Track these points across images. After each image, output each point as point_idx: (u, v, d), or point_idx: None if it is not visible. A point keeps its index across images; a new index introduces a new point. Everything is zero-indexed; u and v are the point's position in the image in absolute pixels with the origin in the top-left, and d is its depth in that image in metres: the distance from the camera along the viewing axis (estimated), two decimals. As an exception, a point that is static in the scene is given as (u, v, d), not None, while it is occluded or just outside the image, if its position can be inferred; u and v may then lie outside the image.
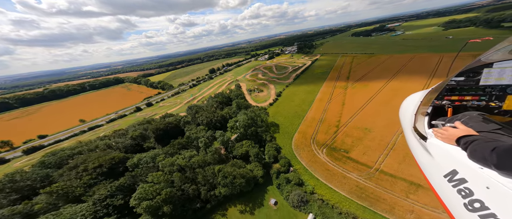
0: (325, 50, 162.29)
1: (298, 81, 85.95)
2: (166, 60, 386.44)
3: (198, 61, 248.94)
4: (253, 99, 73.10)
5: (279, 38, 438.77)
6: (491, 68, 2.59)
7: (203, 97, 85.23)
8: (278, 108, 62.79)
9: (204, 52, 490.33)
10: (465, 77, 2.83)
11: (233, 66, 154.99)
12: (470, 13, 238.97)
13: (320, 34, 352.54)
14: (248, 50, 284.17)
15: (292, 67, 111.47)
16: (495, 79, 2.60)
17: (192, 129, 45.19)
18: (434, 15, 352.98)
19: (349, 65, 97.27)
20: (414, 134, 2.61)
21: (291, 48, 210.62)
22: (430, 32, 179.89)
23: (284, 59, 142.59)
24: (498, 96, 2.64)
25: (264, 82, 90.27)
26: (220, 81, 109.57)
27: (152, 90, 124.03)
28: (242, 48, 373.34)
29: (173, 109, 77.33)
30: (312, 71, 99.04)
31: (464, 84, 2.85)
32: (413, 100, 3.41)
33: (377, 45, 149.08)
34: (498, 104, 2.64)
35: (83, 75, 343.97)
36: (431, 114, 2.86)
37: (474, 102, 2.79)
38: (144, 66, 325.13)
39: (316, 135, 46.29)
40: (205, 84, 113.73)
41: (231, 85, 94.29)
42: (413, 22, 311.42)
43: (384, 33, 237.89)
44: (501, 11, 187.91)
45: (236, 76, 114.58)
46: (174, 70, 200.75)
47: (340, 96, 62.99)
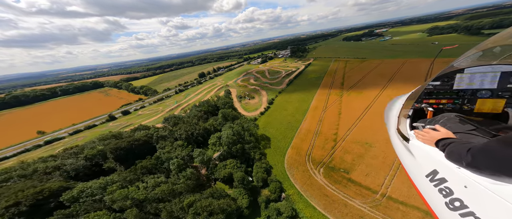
0: (318, 54, 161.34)
1: (292, 87, 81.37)
2: (156, 63, 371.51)
3: (189, 65, 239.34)
4: (243, 107, 66.99)
5: (272, 42, 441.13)
6: (462, 74, 2.82)
7: (189, 104, 77.75)
8: (269, 118, 57.17)
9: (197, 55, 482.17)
10: (440, 82, 3.06)
11: (224, 70, 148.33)
12: (450, 21, 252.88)
13: (313, 38, 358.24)
14: (241, 54, 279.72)
15: (285, 72, 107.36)
16: (466, 84, 2.83)
17: (166, 145, 37.97)
18: (417, 22, 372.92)
19: (342, 70, 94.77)
20: (398, 135, 2.70)
21: (285, 52, 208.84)
22: (416, 38, 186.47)
23: (277, 63, 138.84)
24: (470, 99, 2.87)
25: (256, 88, 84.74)
26: (209, 87, 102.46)
27: (133, 96, 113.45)
28: (235, 51, 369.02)
29: (153, 118, 68.98)
30: (305, 76, 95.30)
31: (440, 88, 3.08)
32: (396, 103, 3.48)
33: (368, 50, 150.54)
34: (470, 107, 2.87)
35: (64, 79, 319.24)
36: (413, 116, 3.03)
37: (449, 105, 3.03)
38: (132, 69, 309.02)
39: (312, 151, 41.00)
40: (192, 89, 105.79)
41: (221, 91, 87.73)
42: (399, 28, 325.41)
43: (373, 38, 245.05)
44: (479, 19, 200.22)
45: (226, 81, 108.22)
46: (162, 74, 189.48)
47: (336, 104, 58.77)
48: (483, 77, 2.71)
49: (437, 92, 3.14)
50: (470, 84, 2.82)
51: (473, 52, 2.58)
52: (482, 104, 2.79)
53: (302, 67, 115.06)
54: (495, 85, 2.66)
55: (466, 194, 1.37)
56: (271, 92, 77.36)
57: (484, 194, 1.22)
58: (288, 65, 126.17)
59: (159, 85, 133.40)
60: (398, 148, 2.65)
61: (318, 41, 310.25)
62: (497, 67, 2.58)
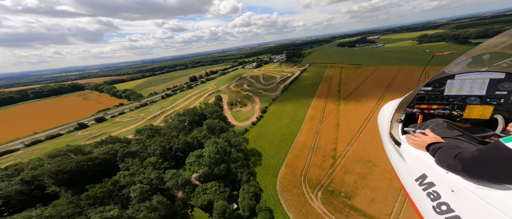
0: (313, 59, 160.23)
1: (287, 94, 77.17)
2: (148, 65, 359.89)
3: (182, 68, 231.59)
4: (233, 116, 61.59)
5: (268, 47, 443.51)
6: (453, 80, 2.87)
7: (175, 111, 71.29)
8: (262, 130, 52.05)
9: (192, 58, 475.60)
10: (432, 87, 3.09)
11: (217, 74, 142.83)
12: (437, 30, 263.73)
13: (308, 44, 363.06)
14: (236, 58, 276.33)
15: (280, 77, 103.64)
16: (456, 90, 2.88)
17: (134, 164, 31.62)
18: (406, 30, 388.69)
19: (338, 77, 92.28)
20: (390, 139, 2.73)
21: (280, 57, 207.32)
22: (407, 46, 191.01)
23: (272, 68, 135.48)
24: (459, 105, 2.92)
25: (249, 94, 79.84)
26: (200, 92, 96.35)
27: (115, 100, 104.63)
28: (231, 55, 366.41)
29: (131, 127, 61.73)
30: (301, 82, 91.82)
31: (431, 94, 3.12)
32: (389, 107, 3.50)
33: (362, 56, 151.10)
34: (459, 113, 2.90)
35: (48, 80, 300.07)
36: (404, 120, 3.06)
37: (439, 111, 3.06)
38: (122, 71, 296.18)
39: (308, 170, 36.10)
40: (181, 94, 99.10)
41: (211, 97, 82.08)
42: (390, 35, 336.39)
43: (366, 45, 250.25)
44: (465, 28, 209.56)
45: (219, 86, 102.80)
46: (151, 77, 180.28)
47: (333, 114, 54.74)
48: (472, 84, 2.76)
49: (428, 98, 3.17)
50: (460, 91, 2.87)
51: (463, 58, 2.57)
52: (471, 111, 2.82)
53: (297, 72, 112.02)
54: (484, 92, 2.70)
55: (453, 198, 1.40)
56: (265, 99, 72.69)
57: (470, 198, 1.24)
58: (283, 71, 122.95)
59: (146, 89, 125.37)
60: (390, 152, 2.69)
61: (313, 46, 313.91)
62: (485, 74, 2.64)
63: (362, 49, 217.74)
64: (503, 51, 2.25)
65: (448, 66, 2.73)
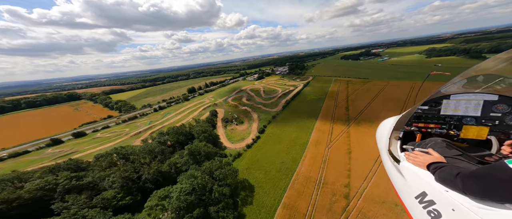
0: (317, 72, 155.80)
1: (288, 111, 70.28)
2: (153, 75, 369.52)
3: (183, 78, 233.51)
4: (227, 136, 54.67)
5: (272, 58, 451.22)
6: (449, 100, 2.95)
7: (164, 126, 65.46)
8: (258, 154, 44.43)
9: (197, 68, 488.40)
10: (428, 106, 3.16)
11: (217, 86, 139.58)
12: (445, 43, 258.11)
13: (311, 56, 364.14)
14: (239, 69, 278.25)
15: (282, 91, 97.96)
16: (452, 110, 2.95)
17: (77, 202, 24.40)
18: (411, 44, 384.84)
19: (345, 92, 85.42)
20: (389, 157, 2.74)
21: (283, 69, 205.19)
22: (416, 60, 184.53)
23: (274, 81, 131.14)
24: (456, 125, 2.95)
25: (247, 110, 73.60)
26: (195, 105, 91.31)
27: (107, 112, 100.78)
28: (234, 66, 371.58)
29: (110, 144, 55.57)
30: (304, 97, 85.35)
31: (429, 113, 3.17)
32: (387, 124, 3.48)
33: (368, 70, 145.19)
34: (456, 133, 2.93)
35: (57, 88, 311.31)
36: (403, 138, 3.10)
37: (436, 130, 3.09)
38: (127, 81, 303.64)
39: (313, 214, 27.64)
40: (175, 107, 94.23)
41: (206, 111, 76.45)
42: (394, 49, 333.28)
43: (371, 58, 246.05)
44: (475, 42, 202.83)
45: (216, 99, 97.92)
46: (150, 87, 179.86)
47: (343, 138, 46.74)
48: (467, 105, 2.83)
49: (425, 117, 3.20)
50: (455, 111, 2.93)
51: (459, 79, 2.59)
52: (467, 131, 2.85)
53: (300, 86, 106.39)
54: (479, 113, 2.75)
55: (454, 217, 1.38)
56: (264, 116, 65.97)
57: (471, 218, 1.24)
58: (285, 84, 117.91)
59: (143, 99, 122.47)
60: (389, 169, 2.70)
61: (317, 59, 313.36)
62: (480, 96, 2.71)
63: (367, 62, 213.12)
64: (496, 73, 2.33)
65: (444, 86, 2.75)
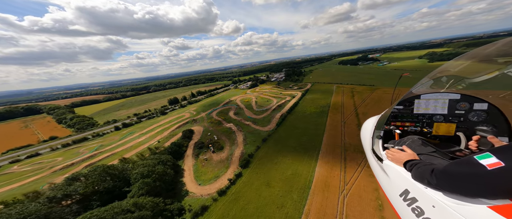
0: (316, 78, 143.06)
1: (284, 130, 54.87)
2: (143, 84, 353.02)
3: (172, 86, 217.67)
4: (194, 172, 38.30)
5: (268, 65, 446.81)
6: (420, 100, 3.15)
7: (115, 154, 48.77)
8: (234, 209, 28.20)
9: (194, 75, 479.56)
10: (403, 106, 3.34)
11: (204, 95, 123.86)
12: (444, 48, 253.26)
13: (308, 62, 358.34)
14: (233, 75, 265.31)
15: (277, 102, 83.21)
16: (423, 109, 3.15)
17: None
18: (407, 49, 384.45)
19: (351, 102, 71.22)
20: (373, 155, 2.85)
21: (279, 75, 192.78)
22: (418, 64, 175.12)
23: (268, 89, 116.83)
24: (428, 123, 3.14)
25: (232, 129, 57.90)
26: (171, 121, 74.68)
27: (59, 130, 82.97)
28: (229, 72, 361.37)
29: (15, 185, 38.08)
30: (303, 109, 70.49)
31: (404, 112, 3.35)
32: (369, 124, 3.60)
33: (371, 75, 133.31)
34: (429, 130, 3.11)
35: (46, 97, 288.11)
36: (384, 137, 3.20)
37: (412, 128, 3.26)
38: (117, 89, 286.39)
39: None
40: (145, 124, 77.16)
41: (182, 129, 60.27)
42: (390, 54, 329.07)
43: (369, 63, 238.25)
44: (474, 46, 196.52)
45: (199, 112, 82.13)
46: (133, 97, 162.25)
47: (365, 177, 31.06)
48: (435, 103, 3.05)
49: (401, 116, 3.38)
50: (426, 110, 3.13)
51: (426, 80, 2.78)
52: (438, 128, 3.04)
53: (298, 95, 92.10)
54: (446, 111, 2.98)
55: (435, 214, 1.41)
56: (252, 139, 50.31)
57: (450, 214, 1.27)
58: (281, 92, 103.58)
59: (115, 113, 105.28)
60: (374, 168, 2.79)
61: (314, 64, 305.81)
62: (445, 95, 2.93)
63: (367, 67, 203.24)
64: (456, 74, 2.56)
65: (414, 87, 2.94)
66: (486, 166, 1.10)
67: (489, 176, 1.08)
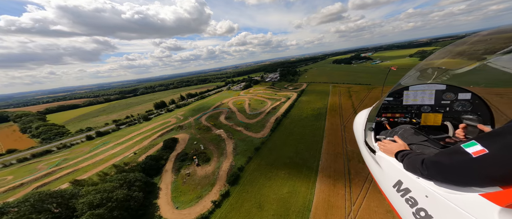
0: (311, 78, 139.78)
1: (279, 137, 49.74)
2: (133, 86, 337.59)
3: (162, 88, 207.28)
4: (173, 191, 31.98)
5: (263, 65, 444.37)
6: (408, 91, 3.24)
7: (78, 170, 41.53)
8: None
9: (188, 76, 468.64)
10: (393, 98, 3.43)
11: (195, 98, 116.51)
12: (433, 46, 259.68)
13: (302, 61, 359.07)
14: (227, 76, 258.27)
15: (271, 104, 78.16)
16: (412, 100, 3.24)
17: None
18: (397, 48, 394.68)
19: (349, 102, 67.48)
20: (366, 147, 2.85)
21: (273, 75, 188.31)
22: (411, 63, 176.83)
23: (262, 90, 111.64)
24: (416, 114, 3.24)
25: (221, 136, 52.03)
26: (153, 128, 67.28)
27: (20, 141, 72.63)
28: (223, 73, 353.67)
29: None
30: (299, 112, 65.82)
31: (394, 104, 3.44)
32: (361, 116, 3.63)
33: (366, 74, 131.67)
34: (417, 121, 3.19)
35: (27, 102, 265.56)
36: (376, 128, 3.27)
37: (401, 119, 3.34)
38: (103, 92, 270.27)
39: None
40: (122, 132, 69.15)
41: (165, 137, 53.59)
42: (381, 53, 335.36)
43: (363, 61, 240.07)
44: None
45: (187, 117, 75.46)
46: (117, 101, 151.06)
47: (374, 200, 26.30)
48: (423, 95, 3.14)
49: (392, 107, 3.45)
50: (414, 101, 3.23)
51: (413, 72, 2.87)
52: (426, 118, 3.12)
53: (293, 96, 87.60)
54: (433, 102, 3.08)
55: (429, 204, 1.42)
56: (243, 147, 44.78)
57: (443, 203, 1.28)
58: (276, 93, 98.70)
59: (93, 119, 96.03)
60: (367, 160, 2.79)
61: (308, 63, 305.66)
62: (432, 86, 3.03)
63: (360, 66, 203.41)
64: (441, 66, 2.68)
65: (402, 79, 2.98)
66: (471, 153, 1.11)
67: (474, 163, 1.09)
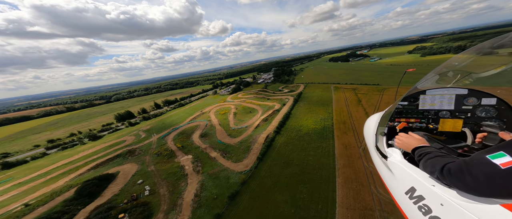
0: (308, 78, 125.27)
1: (268, 171, 33.63)
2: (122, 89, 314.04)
3: (144, 93, 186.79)
4: None
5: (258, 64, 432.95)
6: (425, 95, 3.10)
7: None
8: None
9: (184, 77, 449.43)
10: (408, 102, 3.28)
11: (172, 106, 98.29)
12: (430, 42, 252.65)
13: (297, 60, 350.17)
14: (217, 78, 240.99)
15: (262, 113, 62.39)
16: (429, 104, 3.10)
17: None
18: (391, 45, 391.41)
19: (361, 110, 52.51)
20: (377, 153, 2.79)
21: (267, 76, 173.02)
22: (412, 60, 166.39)
23: (253, 94, 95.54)
24: (434, 119, 3.10)
25: (184, 168, 35.37)
26: (95, 153, 48.42)
27: None
28: (215, 75, 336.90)
29: None
30: (297, 125, 50.07)
31: (408, 108, 3.28)
32: (373, 120, 3.54)
33: (369, 72, 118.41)
34: (435, 126, 3.07)
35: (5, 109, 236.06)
36: (388, 134, 3.13)
37: (417, 124, 3.20)
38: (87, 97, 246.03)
39: None
40: (45, 161, 49.15)
41: (95, 172, 36.27)
42: (377, 50, 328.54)
43: (360, 59, 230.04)
44: (461, 41, 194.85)
45: (151, 134, 58.07)
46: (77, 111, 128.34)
47: None
48: (442, 99, 2.99)
49: (406, 112, 3.30)
50: (432, 105, 3.08)
51: (432, 75, 2.71)
52: (444, 124, 2.97)
53: (289, 101, 72.17)
54: (453, 107, 2.92)
55: (444, 212, 1.36)
56: (212, 192, 28.41)
57: (459, 212, 1.24)
58: (268, 98, 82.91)
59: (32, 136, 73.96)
60: (378, 165, 2.74)
61: (304, 62, 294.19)
62: (451, 90, 2.88)
63: (359, 63, 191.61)
64: (463, 69, 2.52)
65: (419, 82, 2.85)
66: (499, 165, 1.05)
67: (503, 175, 1.03)
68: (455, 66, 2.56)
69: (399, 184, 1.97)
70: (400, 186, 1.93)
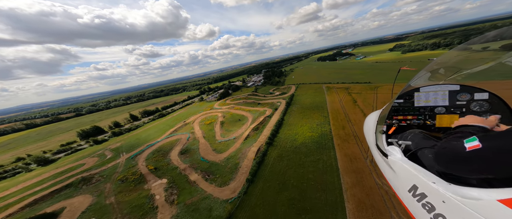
0: (299, 79, 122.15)
1: (260, 198, 27.39)
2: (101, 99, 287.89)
3: (123, 103, 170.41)
4: None
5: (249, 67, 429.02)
6: (419, 92, 3.15)
7: None
8: None
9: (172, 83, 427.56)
10: (403, 99, 3.33)
11: (152, 116, 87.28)
12: (407, 40, 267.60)
13: (287, 61, 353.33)
14: (209, 82, 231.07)
15: (252, 122, 56.09)
16: (424, 101, 3.15)
17: None
18: (372, 44, 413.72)
19: (358, 112, 48.70)
20: (378, 151, 2.80)
21: (257, 78, 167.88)
22: (395, 57, 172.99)
23: (243, 99, 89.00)
24: (430, 115, 3.14)
25: (154, 198, 27.59)
26: (38, 184, 37.34)
27: None
28: (204, 79, 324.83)
29: None
30: (292, 134, 44.37)
31: (404, 106, 3.33)
32: (372, 119, 3.55)
33: (358, 71, 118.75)
34: (432, 123, 3.11)
35: None
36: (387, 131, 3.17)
37: (414, 121, 3.23)
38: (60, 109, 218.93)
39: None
40: None
41: (32, 211, 27.17)
42: (359, 49, 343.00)
43: (346, 57, 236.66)
44: (434, 38, 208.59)
45: (119, 154, 48.51)
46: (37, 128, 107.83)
47: None
48: (436, 96, 3.04)
49: (403, 109, 3.34)
50: (427, 102, 3.12)
51: (423, 73, 2.75)
52: (441, 120, 3.01)
53: (281, 105, 66.87)
54: (447, 103, 2.98)
55: (447, 209, 1.38)
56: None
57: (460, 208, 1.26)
58: (259, 103, 76.93)
59: None
60: (380, 163, 2.74)
61: (293, 62, 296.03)
62: (444, 87, 2.95)
63: (347, 62, 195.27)
64: (454, 65, 2.59)
65: (412, 80, 2.89)
66: (466, 147, 1.15)
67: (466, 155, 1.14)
68: (445, 63, 2.61)
69: (402, 182, 1.98)
70: (402, 184, 1.94)
